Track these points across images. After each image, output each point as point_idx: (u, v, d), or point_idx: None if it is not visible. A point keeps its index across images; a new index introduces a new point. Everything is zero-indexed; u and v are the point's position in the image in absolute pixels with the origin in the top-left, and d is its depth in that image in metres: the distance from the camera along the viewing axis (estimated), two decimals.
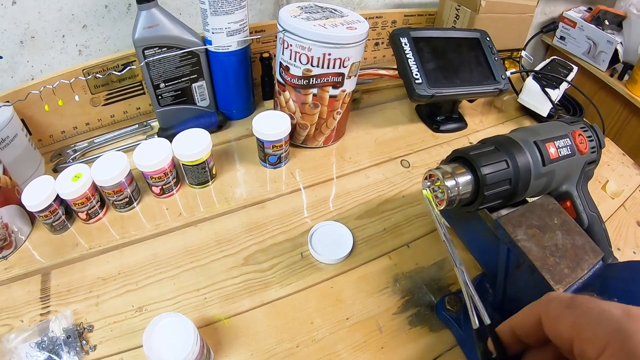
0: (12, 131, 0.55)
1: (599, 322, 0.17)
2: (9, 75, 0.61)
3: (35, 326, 0.46)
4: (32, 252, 0.52)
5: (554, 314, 0.19)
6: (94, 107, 0.59)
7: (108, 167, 0.49)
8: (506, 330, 0.22)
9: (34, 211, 0.49)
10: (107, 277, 0.47)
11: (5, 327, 0.47)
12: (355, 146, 0.58)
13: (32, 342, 0.45)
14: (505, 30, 0.61)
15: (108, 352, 0.42)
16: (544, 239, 0.37)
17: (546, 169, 0.39)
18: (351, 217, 0.49)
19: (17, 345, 0.45)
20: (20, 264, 0.52)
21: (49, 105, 0.54)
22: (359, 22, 0.49)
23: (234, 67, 0.56)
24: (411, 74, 0.53)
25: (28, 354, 0.44)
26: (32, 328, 0.46)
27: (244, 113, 0.61)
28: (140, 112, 0.62)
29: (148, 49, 0.52)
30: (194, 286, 0.44)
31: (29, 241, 0.54)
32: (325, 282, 0.44)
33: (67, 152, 0.59)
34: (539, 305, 0.20)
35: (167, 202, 0.52)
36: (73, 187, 0.48)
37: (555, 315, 0.19)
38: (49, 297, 0.48)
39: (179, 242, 0.48)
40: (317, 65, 0.48)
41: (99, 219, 0.52)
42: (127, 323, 0.44)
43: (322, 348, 0.40)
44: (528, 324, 0.20)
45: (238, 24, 0.52)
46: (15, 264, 0.52)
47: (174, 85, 0.56)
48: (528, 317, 0.20)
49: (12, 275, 0.51)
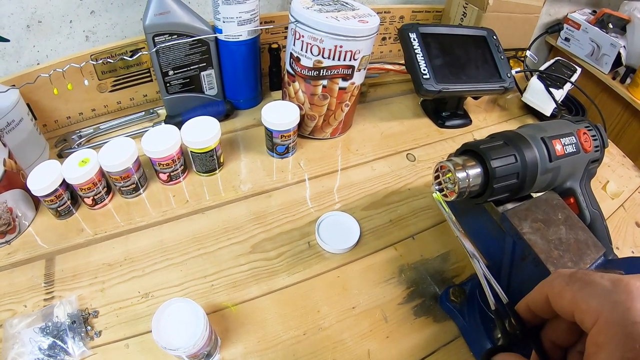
0: (18, 115, 0.54)
1: (592, 294, 0.18)
2: (14, 60, 0.61)
3: (39, 311, 0.46)
4: (36, 237, 0.52)
5: (557, 291, 0.20)
6: (100, 93, 0.59)
7: (116, 153, 0.49)
8: (523, 307, 0.24)
9: (39, 196, 0.49)
10: (112, 263, 0.47)
11: (8, 312, 0.47)
12: (361, 139, 0.58)
13: (36, 327, 0.44)
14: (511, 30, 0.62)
15: (113, 337, 0.42)
16: (549, 232, 0.37)
17: (552, 165, 0.39)
18: (357, 208, 0.49)
19: (21, 331, 0.45)
20: (24, 248, 0.51)
21: (56, 89, 0.54)
22: (370, 15, 0.50)
23: (244, 56, 0.56)
24: (419, 69, 0.53)
25: (32, 339, 0.44)
26: (36, 313, 0.46)
27: (251, 103, 0.61)
28: (147, 100, 0.62)
29: (158, 35, 0.51)
30: (201, 273, 0.44)
31: (32, 226, 0.53)
32: (332, 272, 0.44)
33: (72, 137, 0.58)
34: (546, 283, 0.22)
35: (174, 189, 0.52)
36: (80, 172, 0.48)
37: (557, 292, 0.20)
38: (53, 282, 0.48)
39: (185, 229, 0.48)
40: (328, 57, 0.48)
41: (104, 205, 0.52)
42: (133, 309, 0.44)
43: (329, 336, 0.40)
44: (540, 301, 0.22)
45: (249, 13, 0.52)
46: (18, 248, 0.51)
47: (182, 73, 0.55)
48: (539, 294, 0.22)
49: (15, 260, 0.50)
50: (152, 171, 0.52)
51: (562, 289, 0.20)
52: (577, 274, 0.20)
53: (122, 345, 0.41)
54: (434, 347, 0.40)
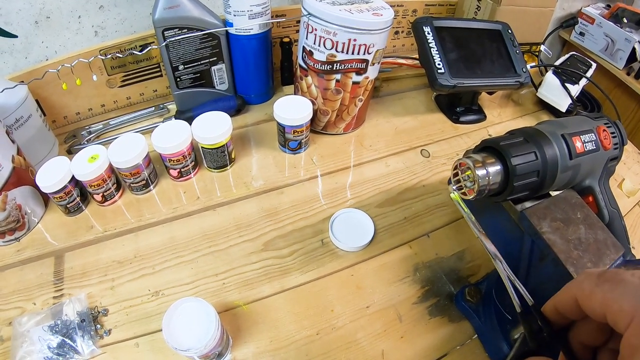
0: (27, 111, 0.54)
1: (624, 294, 0.18)
2: (22, 56, 0.60)
3: (48, 309, 0.46)
4: (45, 234, 0.52)
5: (587, 293, 0.19)
6: (109, 89, 0.58)
7: (125, 149, 0.48)
8: (550, 308, 0.23)
9: (48, 192, 0.48)
10: (122, 261, 0.47)
11: (17, 310, 0.46)
12: (375, 134, 0.57)
13: (45, 325, 0.44)
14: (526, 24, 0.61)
15: (123, 336, 0.41)
16: (568, 232, 0.36)
17: (572, 163, 0.38)
18: (372, 205, 0.48)
19: (30, 329, 0.45)
20: (33, 245, 0.51)
21: (65, 85, 0.53)
22: (384, 8, 0.49)
23: (255, 50, 0.55)
24: (434, 63, 0.52)
25: (41, 337, 0.43)
26: (45, 311, 0.46)
27: (262, 98, 0.61)
28: (157, 95, 0.61)
29: (168, 30, 0.51)
30: (213, 271, 0.44)
31: (42, 223, 0.53)
32: (346, 270, 0.44)
33: (81, 133, 0.58)
34: (574, 284, 0.21)
35: (185, 186, 0.52)
36: (89, 169, 0.47)
37: (587, 294, 0.19)
38: (63, 279, 0.47)
39: (196, 226, 0.47)
40: (341, 50, 0.47)
41: (114, 202, 0.52)
42: (143, 307, 0.43)
43: (342, 336, 0.39)
44: (568, 303, 0.21)
45: (260, 6, 0.51)
46: (27, 245, 0.51)
47: (193, 67, 0.55)
48: (567, 296, 0.21)
49: (24, 257, 0.50)
50: (163, 167, 0.52)
51: (592, 290, 0.19)
52: (606, 274, 0.19)
53: (132, 344, 0.41)
54: (448, 347, 0.39)
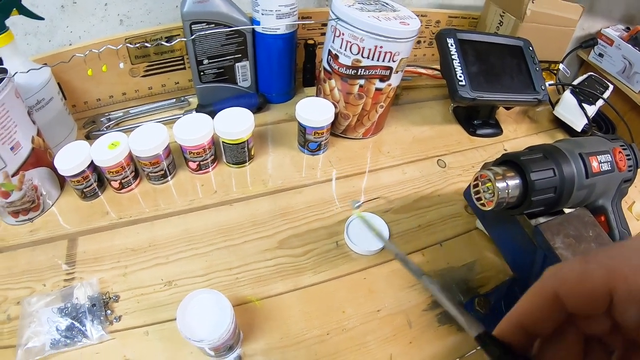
0: (49, 94, 0.54)
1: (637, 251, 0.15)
2: (46, 39, 0.61)
3: (58, 292, 0.46)
4: (59, 216, 0.52)
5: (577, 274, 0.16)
6: (132, 78, 0.59)
7: (146, 138, 0.48)
8: (510, 327, 0.18)
9: (66, 175, 0.49)
10: (136, 249, 0.47)
11: (27, 290, 0.47)
12: (393, 141, 0.58)
13: (55, 307, 0.44)
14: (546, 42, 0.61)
15: (133, 324, 0.41)
16: (579, 249, 0.37)
17: (588, 182, 0.39)
18: (387, 210, 0.49)
19: (39, 310, 0.45)
20: (46, 227, 0.51)
21: (91, 70, 0.54)
22: (410, 18, 0.49)
23: (280, 50, 0.55)
24: (455, 75, 0.53)
25: (50, 319, 0.43)
26: (55, 293, 0.46)
27: (283, 97, 0.61)
28: (179, 87, 0.61)
29: (195, 23, 0.51)
30: (226, 265, 0.44)
31: (56, 205, 0.53)
32: (359, 273, 0.44)
33: (101, 120, 0.58)
34: (545, 281, 0.17)
35: (203, 179, 0.52)
36: (109, 155, 0.48)
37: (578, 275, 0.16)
38: (75, 263, 0.48)
39: (212, 220, 0.48)
40: (367, 56, 0.48)
41: (130, 190, 0.52)
42: (155, 296, 0.43)
43: (352, 338, 0.39)
44: (540, 309, 0.17)
45: (288, 7, 0.52)
46: (40, 227, 0.51)
47: (217, 62, 0.55)
48: (537, 301, 0.17)
49: (37, 239, 0.50)
50: (182, 159, 0.52)
51: (584, 269, 0.15)
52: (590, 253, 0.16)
53: (141, 332, 0.41)
54: (455, 356, 0.39)
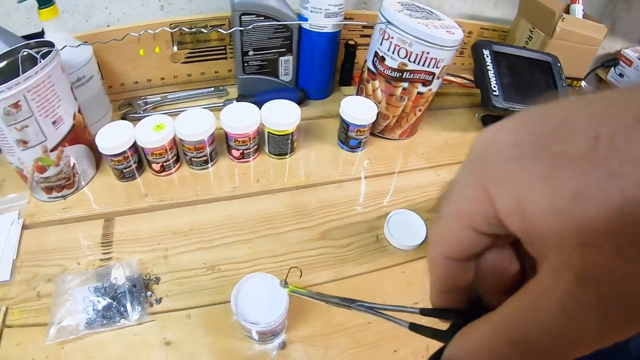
0: (89, 72, 0.54)
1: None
2: (84, 18, 0.60)
3: (94, 271, 0.45)
4: (95, 196, 0.52)
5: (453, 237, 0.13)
6: (172, 63, 0.59)
7: (192, 123, 0.49)
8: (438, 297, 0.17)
9: (107, 154, 0.49)
10: (177, 232, 0.47)
11: (58, 267, 0.46)
12: (426, 144, 0.60)
13: (91, 286, 0.44)
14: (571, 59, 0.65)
15: (174, 306, 0.42)
16: None
17: None
18: (422, 209, 0.51)
19: (73, 288, 0.44)
20: (80, 206, 0.51)
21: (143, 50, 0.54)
22: (454, 27, 0.52)
23: (323, 48, 0.57)
24: (490, 84, 0.56)
25: (86, 297, 0.43)
26: (90, 272, 0.45)
27: (321, 94, 0.62)
28: (217, 76, 0.62)
29: (246, 14, 0.52)
30: (270, 252, 0.45)
31: (91, 184, 0.53)
32: (398, 266, 0.46)
33: (137, 102, 0.58)
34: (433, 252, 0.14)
35: (244, 167, 0.53)
36: (154, 137, 0.48)
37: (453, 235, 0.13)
38: (112, 243, 0.47)
39: (255, 208, 0.48)
40: (414, 61, 0.50)
41: (170, 174, 0.52)
42: (197, 280, 0.44)
43: (391, 328, 0.40)
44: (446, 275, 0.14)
45: (337, 7, 0.54)
46: (74, 205, 0.51)
47: (262, 55, 0.56)
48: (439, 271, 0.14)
49: (70, 216, 0.50)
50: (224, 147, 0.53)
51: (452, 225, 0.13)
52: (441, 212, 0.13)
53: (183, 315, 0.41)
54: None
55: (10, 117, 0.43)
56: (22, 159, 0.47)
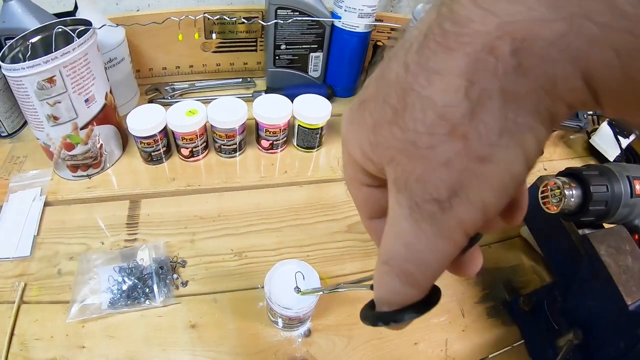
0: (121, 54, 0.54)
1: None
2: (114, 2, 0.60)
3: (118, 251, 0.46)
4: (120, 177, 0.52)
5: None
6: (203, 52, 0.59)
7: (225, 111, 0.49)
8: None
9: (138, 136, 0.49)
10: (205, 217, 0.48)
11: (81, 246, 0.46)
12: None
13: (116, 266, 0.44)
14: None
15: (200, 290, 0.42)
16: (619, 258, 0.42)
17: (632, 201, 0.44)
18: None
19: (98, 267, 0.44)
20: (105, 186, 0.51)
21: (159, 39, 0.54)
22: None
23: (354, 47, 0.58)
24: None
25: (110, 277, 0.43)
26: (115, 252, 0.46)
27: (347, 93, 0.64)
28: (246, 68, 0.62)
29: (282, 9, 0.53)
30: (297, 242, 0.46)
31: (117, 165, 0.53)
32: None
33: (165, 88, 0.58)
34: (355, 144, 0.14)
35: (271, 158, 0.53)
36: (187, 122, 0.48)
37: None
38: (137, 225, 0.47)
39: (282, 198, 0.49)
40: None
41: (197, 160, 0.52)
42: (224, 265, 0.44)
43: (414, 321, 0.42)
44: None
45: (370, 8, 0.55)
46: (98, 185, 0.51)
47: (293, 50, 0.57)
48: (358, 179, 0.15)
49: (94, 196, 0.50)
50: (252, 137, 0.53)
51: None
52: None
53: (209, 299, 0.41)
54: (499, 347, 0.43)
55: (43, 92, 0.43)
56: (50, 135, 0.46)
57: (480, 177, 0.10)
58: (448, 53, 0.09)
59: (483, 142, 0.09)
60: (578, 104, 0.09)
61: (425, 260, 0.12)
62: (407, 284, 0.13)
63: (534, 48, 0.08)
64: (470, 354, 0.41)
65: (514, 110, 0.09)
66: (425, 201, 0.11)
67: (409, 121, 0.10)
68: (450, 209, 0.10)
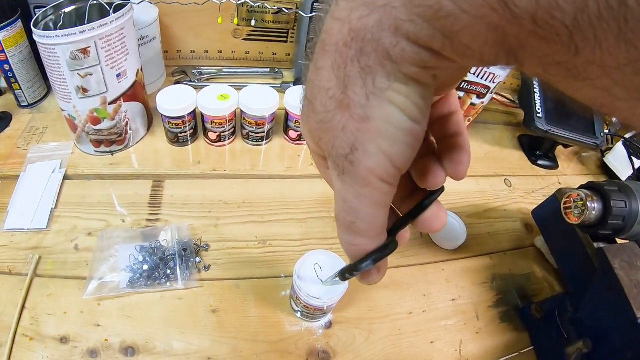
0: (152, 33, 0.54)
1: None
2: None
3: (140, 230, 0.45)
4: (143, 156, 0.51)
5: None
6: (233, 38, 0.59)
7: (257, 98, 0.49)
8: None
9: (167, 116, 0.48)
10: (229, 202, 0.47)
11: (101, 222, 0.45)
12: None
13: (137, 245, 0.43)
14: None
15: (222, 275, 0.42)
16: (631, 273, 0.43)
17: None
18: (463, 213, 0.53)
19: (118, 244, 0.44)
20: (128, 164, 0.50)
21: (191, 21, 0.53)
22: None
23: None
24: (535, 106, 0.59)
25: (132, 255, 0.43)
26: (137, 231, 0.45)
27: None
28: (275, 58, 0.62)
29: (317, 2, 0.53)
30: (322, 234, 0.46)
31: (140, 144, 0.52)
32: (438, 263, 0.47)
33: (192, 71, 0.58)
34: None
35: (297, 149, 0.54)
36: (219, 105, 0.48)
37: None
38: (160, 205, 0.47)
39: (309, 189, 0.49)
40: (473, 72, 0.52)
41: (223, 145, 0.52)
42: (248, 252, 0.44)
43: (429, 320, 0.43)
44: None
45: None
46: (121, 162, 0.50)
47: None
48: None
49: (116, 173, 0.49)
50: (280, 127, 0.53)
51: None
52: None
53: (232, 285, 0.41)
54: (510, 351, 0.43)
55: (76, 62, 0.43)
56: (77, 107, 0.46)
57: (368, 132, 0.13)
58: (325, 54, 0.13)
59: (358, 106, 0.13)
60: (419, 59, 0.12)
61: (356, 208, 0.14)
62: (352, 233, 0.15)
63: (365, 34, 0.12)
64: (483, 356, 0.41)
65: (372, 78, 0.12)
66: (339, 159, 0.14)
67: (317, 106, 0.14)
68: (358, 161, 0.13)
